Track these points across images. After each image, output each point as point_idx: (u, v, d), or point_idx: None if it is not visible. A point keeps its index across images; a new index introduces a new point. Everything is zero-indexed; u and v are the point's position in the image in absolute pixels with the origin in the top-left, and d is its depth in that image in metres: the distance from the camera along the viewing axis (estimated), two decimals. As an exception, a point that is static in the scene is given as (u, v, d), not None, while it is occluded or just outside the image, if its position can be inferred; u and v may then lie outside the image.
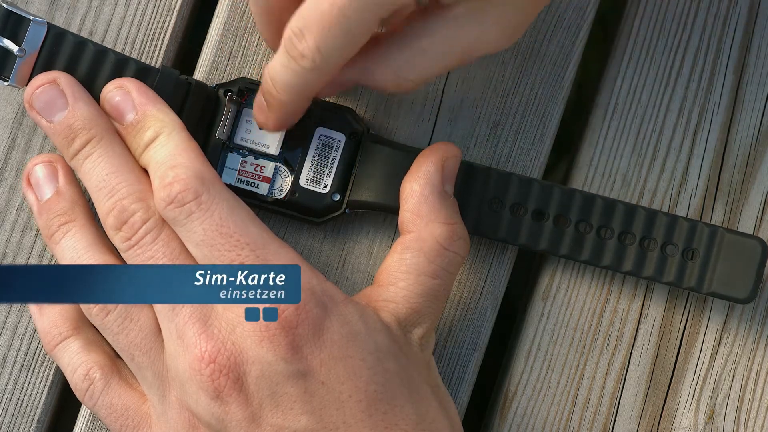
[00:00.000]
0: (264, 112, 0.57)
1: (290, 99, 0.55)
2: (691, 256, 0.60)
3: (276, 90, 0.55)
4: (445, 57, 0.56)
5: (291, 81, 0.54)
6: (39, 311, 0.59)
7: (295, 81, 0.54)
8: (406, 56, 0.56)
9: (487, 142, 0.63)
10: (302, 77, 0.54)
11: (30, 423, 0.61)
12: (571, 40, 0.63)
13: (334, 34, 0.52)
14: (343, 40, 0.53)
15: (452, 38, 0.55)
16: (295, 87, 0.55)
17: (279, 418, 0.54)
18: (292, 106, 0.56)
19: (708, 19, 0.64)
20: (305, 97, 0.56)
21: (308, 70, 0.53)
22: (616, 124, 0.64)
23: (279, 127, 0.58)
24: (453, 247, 0.57)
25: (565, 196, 0.60)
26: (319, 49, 0.53)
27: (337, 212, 0.60)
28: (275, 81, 0.55)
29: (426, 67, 0.56)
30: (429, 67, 0.56)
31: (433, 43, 0.55)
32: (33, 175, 0.59)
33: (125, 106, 0.57)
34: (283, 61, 0.54)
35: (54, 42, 0.58)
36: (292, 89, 0.55)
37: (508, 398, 0.63)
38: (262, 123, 0.58)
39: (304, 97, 0.56)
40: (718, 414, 0.63)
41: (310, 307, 0.54)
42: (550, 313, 0.63)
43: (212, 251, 0.54)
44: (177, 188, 0.55)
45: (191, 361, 0.54)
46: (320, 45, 0.53)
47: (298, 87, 0.55)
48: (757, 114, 0.64)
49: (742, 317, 0.63)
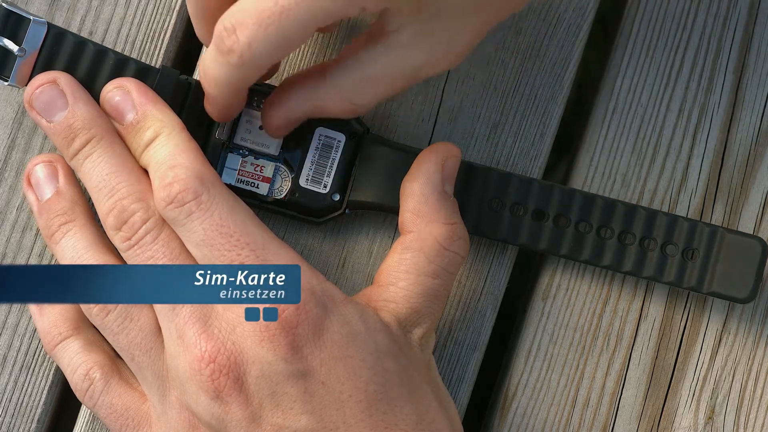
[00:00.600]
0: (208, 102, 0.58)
1: (220, 93, 0.55)
2: (691, 256, 0.60)
3: (207, 83, 0.55)
4: (395, 81, 0.56)
5: (219, 75, 0.54)
6: (39, 311, 0.59)
7: (223, 75, 0.54)
8: (355, 84, 0.56)
9: (487, 142, 0.63)
10: (229, 72, 0.54)
11: (30, 423, 0.61)
12: (571, 40, 0.63)
13: (269, 34, 0.52)
14: (276, 41, 0.52)
15: (400, 64, 0.55)
16: (223, 81, 0.55)
17: (279, 417, 0.54)
18: (224, 100, 0.56)
19: (708, 19, 0.64)
20: (234, 91, 0.56)
21: (234, 65, 0.53)
22: (616, 124, 0.64)
23: (222, 119, 0.58)
24: (453, 247, 0.57)
25: (565, 196, 0.60)
26: (250, 45, 0.52)
27: (337, 212, 0.60)
28: (206, 75, 0.55)
29: (376, 93, 0.56)
30: (380, 92, 0.56)
31: (381, 69, 0.55)
32: (33, 175, 0.59)
33: (125, 106, 0.57)
34: (212, 54, 0.54)
35: (54, 42, 0.58)
36: (221, 83, 0.55)
37: (508, 398, 0.63)
38: (209, 111, 0.58)
39: (233, 92, 0.56)
40: (718, 414, 0.63)
41: (310, 307, 0.54)
42: (550, 313, 0.63)
43: (212, 251, 0.54)
44: (177, 188, 0.55)
45: (191, 361, 0.54)
46: (252, 42, 0.52)
47: (225, 81, 0.54)
48: (757, 114, 0.64)
49: (742, 317, 0.63)
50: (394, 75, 0.56)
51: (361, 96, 0.56)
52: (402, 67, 0.56)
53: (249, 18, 0.52)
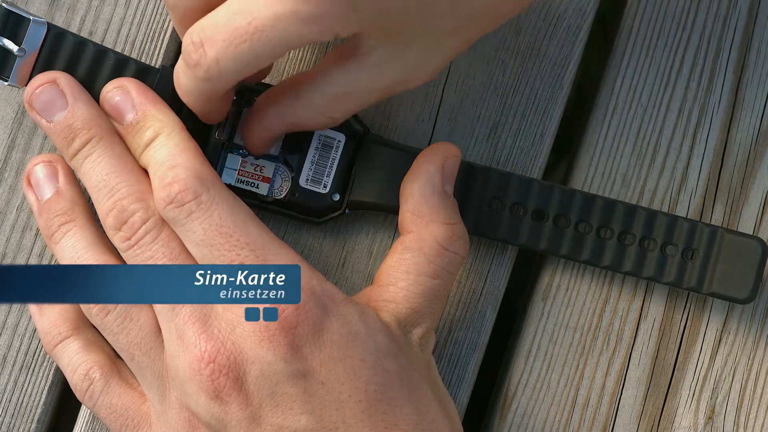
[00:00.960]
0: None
1: (191, 102, 0.56)
2: (691, 256, 0.60)
3: (179, 92, 0.56)
4: (369, 96, 0.56)
5: (188, 86, 0.55)
6: (39, 311, 0.59)
7: (192, 87, 0.54)
8: (328, 99, 0.56)
9: (487, 142, 0.63)
10: (196, 85, 0.54)
11: (30, 423, 0.61)
12: (571, 40, 0.63)
13: (238, 52, 0.52)
14: (246, 60, 0.52)
15: (373, 82, 0.55)
16: (192, 92, 0.55)
17: (279, 417, 0.54)
18: (197, 108, 0.56)
19: (708, 19, 0.64)
20: (205, 101, 0.56)
21: (201, 79, 0.53)
22: (616, 124, 0.64)
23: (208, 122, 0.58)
24: (453, 247, 0.57)
25: (565, 196, 0.60)
26: (218, 61, 0.52)
27: (337, 212, 0.60)
28: (177, 84, 0.55)
29: (351, 107, 0.56)
30: (353, 106, 0.56)
31: (353, 87, 0.55)
32: (33, 175, 0.59)
33: (125, 106, 0.57)
34: (180, 65, 0.54)
35: (54, 42, 0.58)
36: (190, 93, 0.55)
37: (508, 398, 0.63)
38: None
39: (204, 101, 0.56)
40: (718, 414, 0.63)
41: (309, 307, 0.54)
42: (550, 313, 0.63)
43: (212, 251, 0.54)
44: (177, 188, 0.55)
45: (191, 361, 0.54)
46: (220, 59, 0.52)
47: (194, 92, 0.55)
48: (757, 114, 0.64)
49: (742, 317, 0.63)
50: (368, 91, 0.56)
51: (336, 110, 0.56)
52: (375, 85, 0.56)
53: (219, 35, 0.52)
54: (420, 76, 0.56)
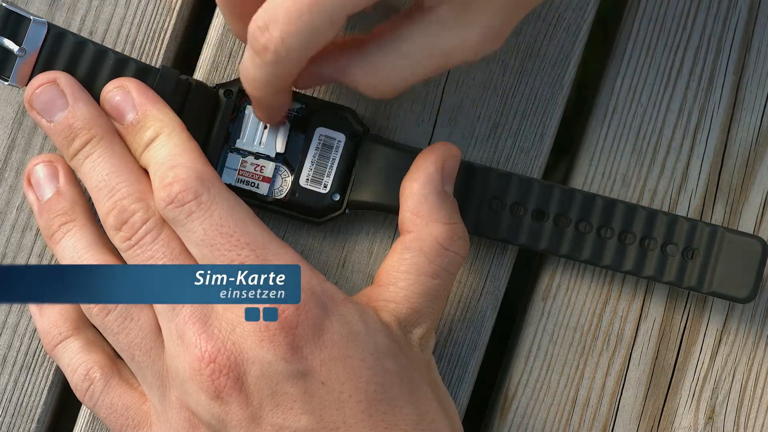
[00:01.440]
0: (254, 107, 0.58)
1: (262, 94, 0.56)
2: (691, 255, 0.60)
3: (248, 86, 0.56)
4: (425, 61, 0.56)
5: (258, 76, 0.54)
6: (39, 311, 0.59)
7: (262, 75, 0.54)
8: (386, 59, 0.55)
9: (487, 142, 0.63)
10: (267, 71, 0.54)
11: (30, 423, 0.61)
12: (571, 40, 0.63)
13: (298, 27, 0.52)
14: (308, 34, 0.52)
15: (433, 42, 0.55)
16: (263, 81, 0.55)
17: (279, 417, 0.54)
18: (267, 101, 0.56)
19: (708, 19, 0.64)
20: (276, 90, 0.56)
21: (271, 63, 0.53)
22: (616, 124, 0.64)
23: (270, 120, 0.59)
24: (453, 247, 0.57)
25: (565, 196, 0.60)
26: (282, 40, 0.52)
27: (337, 212, 0.60)
28: (246, 77, 0.55)
29: (405, 72, 0.56)
30: (408, 72, 0.56)
31: (413, 46, 0.55)
32: (33, 175, 0.59)
33: (125, 106, 0.57)
34: (248, 55, 0.54)
35: (54, 42, 0.58)
36: (261, 84, 0.55)
37: (508, 398, 0.63)
38: (258, 117, 0.59)
39: (275, 91, 0.56)
40: (718, 414, 0.63)
41: (310, 307, 0.54)
42: (550, 313, 0.63)
43: (212, 251, 0.54)
44: (177, 188, 0.55)
45: (191, 361, 0.54)
46: (284, 37, 0.52)
47: (265, 81, 0.55)
48: (757, 114, 0.64)
49: (742, 317, 0.63)
50: (426, 53, 0.55)
51: (388, 73, 0.56)
52: (434, 46, 0.55)
53: (279, 13, 0.52)
54: (478, 42, 0.55)
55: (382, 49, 0.55)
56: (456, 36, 0.55)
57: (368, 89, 0.56)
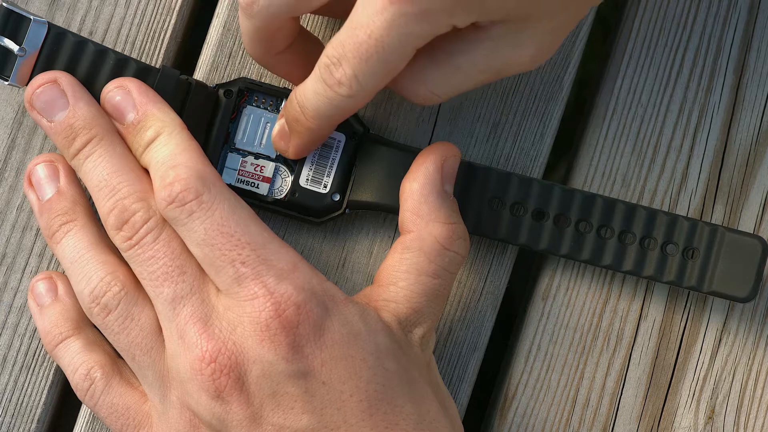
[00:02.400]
0: (286, 138, 0.58)
1: (319, 125, 0.56)
2: (692, 255, 0.60)
3: (305, 116, 0.56)
4: (479, 75, 0.56)
5: (323, 108, 0.55)
6: (39, 311, 0.59)
7: (328, 108, 0.55)
8: (439, 73, 0.56)
9: (487, 142, 0.63)
10: (337, 105, 0.54)
11: (30, 423, 0.61)
12: (571, 40, 0.63)
13: (371, 64, 0.53)
14: (380, 70, 0.53)
15: (488, 58, 0.55)
16: (327, 114, 0.55)
17: (280, 417, 0.54)
18: (319, 133, 0.57)
19: (708, 19, 0.64)
20: (333, 123, 0.56)
21: (345, 97, 0.54)
22: (616, 124, 0.64)
23: (299, 154, 0.59)
24: (453, 247, 0.57)
25: (566, 196, 0.60)
26: (356, 77, 0.53)
27: (337, 212, 0.60)
28: (305, 107, 0.55)
29: (457, 84, 0.56)
30: (460, 84, 0.56)
31: (468, 61, 0.55)
32: (34, 175, 0.59)
33: (126, 106, 0.57)
34: (318, 88, 0.54)
35: (54, 41, 0.58)
36: (323, 116, 0.55)
37: (508, 398, 0.63)
38: (281, 149, 0.59)
39: (332, 124, 0.56)
40: (718, 414, 0.63)
41: (310, 306, 0.54)
42: (550, 313, 0.63)
43: (213, 251, 0.54)
44: (178, 188, 0.55)
45: (192, 361, 0.54)
46: (358, 73, 0.53)
47: (329, 114, 0.55)
48: (757, 114, 0.64)
49: (742, 317, 0.63)
50: (480, 69, 0.56)
51: (441, 85, 0.56)
52: (489, 62, 0.55)
53: (349, 52, 0.53)
54: (532, 57, 0.56)
55: (435, 62, 0.56)
56: (510, 54, 0.55)
57: (416, 97, 0.57)
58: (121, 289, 0.56)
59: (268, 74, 0.62)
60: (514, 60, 0.56)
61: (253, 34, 0.56)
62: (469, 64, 0.56)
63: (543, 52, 0.56)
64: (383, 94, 0.62)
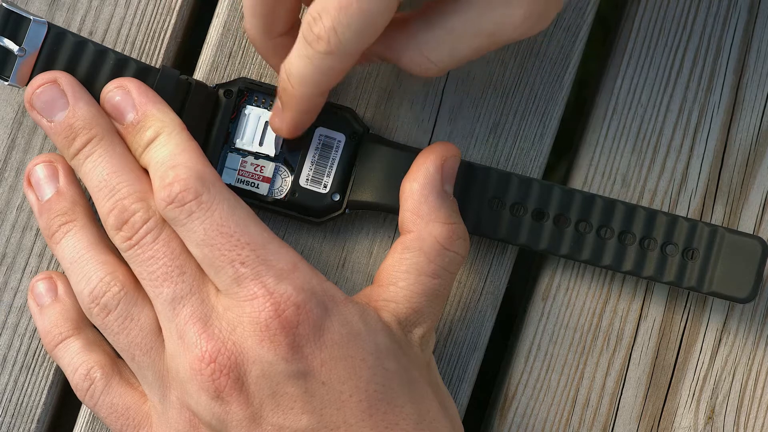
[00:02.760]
0: (279, 114, 0.57)
1: (305, 93, 0.55)
2: (691, 255, 0.60)
3: (291, 84, 0.55)
4: (472, 38, 0.55)
5: (307, 71, 0.54)
6: (39, 311, 0.59)
7: (311, 70, 0.54)
8: (432, 35, 0.55)
9: (487, 142, 0.63)
10: (318, 65, 0.54)
11: (30, 423, 0.61)
12: (571, 40, 0.63)
13: (350, 14, 0.52)
14: (360, 23, 0.52)
15: (480, 18, 0.54)
16: (311, 78, 0.54)
17: (279, 417, 0.54)
18: (308, 103, 0.56)
19: (708, 19, 0.64)
20: (321, 91, 0.55)
21: (324, 53, 0.53)
22: (616, 124, 0.64)
23: (293, 131, 0.58)
24: (453, 247, 0.57)
25: (565, 196, 0.60)
26: (335, 29, 0.52)
27: (337, 212, 0.60)
28: (291, 74, 0.55)
29: (452, 49, 0.55)
30: (455, 49, 0.55)
31: (460, 21, 0.54)
32: (33, 175, 0.59)
33: (125, 106, 0.57)
34: (300, 49, 0.54)
35: (54, 42, 0.58)
36: (308, 81, 0.54)
37: (508, 398, 0.63)
38: (277, 128, 0.58)
39: (319, 91, 0.55)
40: (718, 414, 0.63)
41: (310, 306, 0.54)
42: (550, 313, 0.63)
43: (212, 251, 0.54)
44: (177, 188, 0.55)
45: (192, 361, 0.54)
46: (336, 26, 0.52)
47: (314, 78, 0.54)
48: (757, 114, 0.64)
49: (742, 317, 0.63)
50: (472, 30, 0.55)
51: (435, 49, 0.55)
52: (480, 22, 0.54)
53: (330, 4, 0.52)
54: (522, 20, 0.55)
55: (428, 24, 0.55)
56: (501, 14, 0.54)
57: (413, 66, 0.56)
58: (121, 290, 0.56)
59: (268, 74, 0.62)
60: (506, 20, 0.55)
61: (255, 7, 0.55)
62: (461, 25, 0.55)
63: (535, 14, 0.55)
64: (384, 94, 0.62)
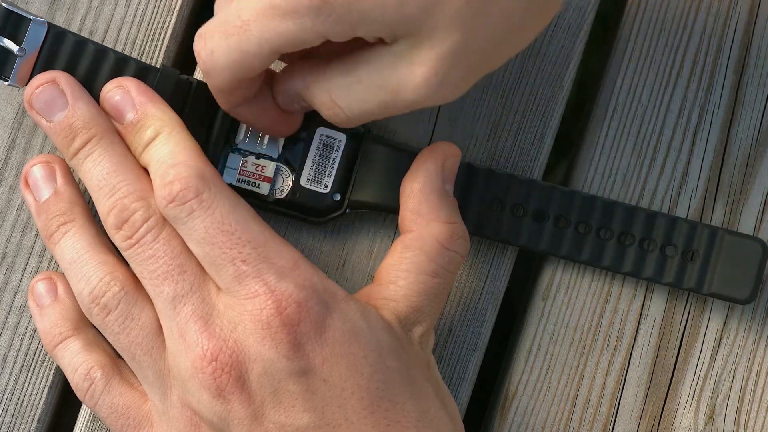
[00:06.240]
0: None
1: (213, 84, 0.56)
2: (691, 257, 0.60)
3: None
4: (378, 92, 0.54)
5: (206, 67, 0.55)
6: (39, 311, 0.59)
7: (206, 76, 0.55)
8: (343, 82, 0.54)
9: (487, 142, 0.63)
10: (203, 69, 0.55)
11: (30, 423, 0.61)
12: (571, 40, 0.63)
13: (229, 45, 0.53)
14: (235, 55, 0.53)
15: (386, 72, 0.53)
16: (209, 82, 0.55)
17: (281, 415, 0.54)
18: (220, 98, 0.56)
19: (708, 19, 0.64)
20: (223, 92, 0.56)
21: (203, 72, 0.54)
22: (616, 124, 0.64)
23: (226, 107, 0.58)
24: (453, 246, 0.57)
25: (566, 197, 0.60)
26: (212, 53, 0.53)
27: (338, 212, 0.60)
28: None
29: (359, 99, 0.54)
30: (362, 100, 0.54)
31: (367, 72, 0.53)
32: (31, 176, 0.59)
33: (125, 106, 0.57)
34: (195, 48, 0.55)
35: (54, 41, 0.58)
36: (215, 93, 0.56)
37: (508, 398, 0.63)
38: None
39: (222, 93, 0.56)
40: (718, 414, 0.63)
41: (311, 304, 0.54)
42: (550, 312, 0.63)
43: (213, 249, 0.54)
44: (178, 186, 0.55)
45: (193, 360, 0.54)
46: (214, 50, 0.53)
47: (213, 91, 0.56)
48: (757, 114, 0.64)
49: (742, 317, 0.63)
50: (378, 83, 0.53)
51: (342, 95, 0.54)
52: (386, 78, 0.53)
53: (216, 28, 0.53)
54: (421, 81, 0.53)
55: (343, 69, 0.54)
56: (404, 70, 0.53)
57: (323, 109, 0.55)
58: (121, 289, 0.56)
59: (268, 74, 0.62)
60: (407, 78, 0.53)
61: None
62: (368, 76, 0.54)
63: (436, 81, 0.53)
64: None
